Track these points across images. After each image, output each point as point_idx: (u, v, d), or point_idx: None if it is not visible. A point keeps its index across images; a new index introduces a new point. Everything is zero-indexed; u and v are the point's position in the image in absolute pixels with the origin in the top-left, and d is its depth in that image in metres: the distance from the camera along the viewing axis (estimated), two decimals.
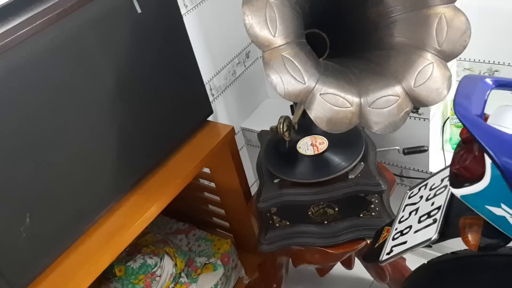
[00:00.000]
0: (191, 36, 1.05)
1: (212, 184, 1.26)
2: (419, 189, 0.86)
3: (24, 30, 0.74)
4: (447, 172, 0.85)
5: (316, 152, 1.04)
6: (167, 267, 1.12)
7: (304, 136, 1.09)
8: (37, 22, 0.76)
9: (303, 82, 0.82)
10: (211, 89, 1.39)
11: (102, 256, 0.88)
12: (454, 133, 1.29)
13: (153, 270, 1.09)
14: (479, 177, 0.62)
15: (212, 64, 1.38)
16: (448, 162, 1.26)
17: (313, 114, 0.83)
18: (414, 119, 1.22)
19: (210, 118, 1.15)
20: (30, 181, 0.79)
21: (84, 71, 0.83)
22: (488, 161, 0.61)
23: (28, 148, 0.78)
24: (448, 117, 1.29)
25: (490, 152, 0.60)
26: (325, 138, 1.07)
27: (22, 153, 0.77)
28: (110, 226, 0.92)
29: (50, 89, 0.79)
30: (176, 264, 1.14)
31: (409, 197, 0.86)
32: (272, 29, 0.80)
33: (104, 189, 0.92)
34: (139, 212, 0.94)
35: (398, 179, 1.37)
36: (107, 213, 0.94)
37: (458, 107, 0.62)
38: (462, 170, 0.65)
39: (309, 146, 1.06)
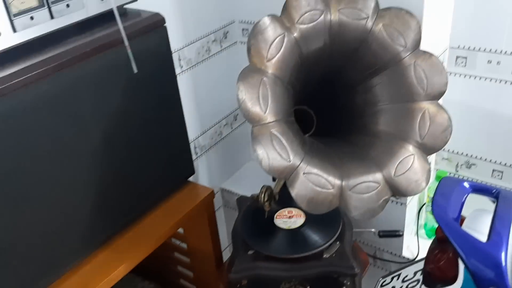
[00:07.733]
0: (183, 94, 1.06)
1: (184, 245, 1.23)
2: (392, 278, 0.86)
3: (19, 79, 0.74)
4: (420, 265, 0.85)
5: (293, 227, 1.04)
6: None
7: (283, 208, 1.09)
8: (33, 72, 0.76)
9: (288, 160, 0.83)
10: (195, 147, 1.40)
11: None
12: (429, 219, 1.31)
13: None
14: (453, 279, 0.63)
15: (199, 123, 1.40)
16: (422, 248, 1.27)
17: (294, 192, 0.83)
18: (391, 202, 1.24)
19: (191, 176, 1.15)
20: None
21: (71, 125, 0.83)
22: (461, 264, 0.62)
23: None
24: (424, 203, 1.31)
25: (462, 255, 0.61)
26: (302, 212, 1.07)
27: None
28: (73, 285, 0.89)
29: (32, 140, 0.78)
30: None
31: (381, 286, 0.86)
32: (263, 106, 0.82)
33: (73, 243, 0.89)
34: (106, 271, 0.91)
35: (371, 259, 1.37)
36: (72, 269, 0.91)
37: (436, 208, 0.64)
38: (436, 270, 0.66)
39: (286, 219, 1.06)
